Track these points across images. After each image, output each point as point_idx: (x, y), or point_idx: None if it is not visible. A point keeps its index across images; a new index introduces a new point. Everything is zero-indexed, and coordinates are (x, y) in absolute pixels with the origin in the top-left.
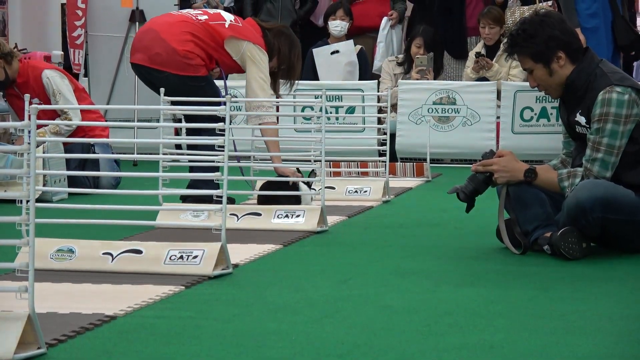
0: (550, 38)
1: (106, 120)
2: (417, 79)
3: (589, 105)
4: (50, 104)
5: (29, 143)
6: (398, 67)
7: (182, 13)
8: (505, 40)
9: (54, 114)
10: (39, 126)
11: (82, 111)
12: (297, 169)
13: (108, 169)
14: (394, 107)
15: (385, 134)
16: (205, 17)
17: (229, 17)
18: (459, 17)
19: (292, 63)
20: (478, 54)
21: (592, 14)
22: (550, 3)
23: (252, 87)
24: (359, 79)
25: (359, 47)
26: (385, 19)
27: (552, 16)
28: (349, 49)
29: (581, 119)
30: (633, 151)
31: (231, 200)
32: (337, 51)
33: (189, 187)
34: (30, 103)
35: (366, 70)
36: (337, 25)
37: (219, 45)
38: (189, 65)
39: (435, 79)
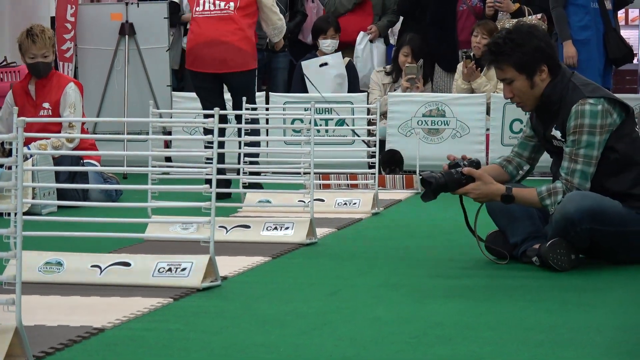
0: (537, 49)
1: (96, 134)
2: (407, 87)
3: (564, 119)
4: (59, 114)
5: (17, 155)
6: (386, 77)
7: (217, 11)
8: (484, 49)
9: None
10: (39, 138)
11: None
12: None
13: (95, 182)
14: (384, 114)
15: (374, 145)
16: (232, 2)
17: None
18: (450, 31)
19: None
20: (467, 55)
21: (584, 27)
22: (539, 16)
23: (269, 15)
24: (348, 91)
25: (347, 59)
26: (361, 34)
27: (538, 29)
28: (337, 62)
29: (557, 133)
30: (614, 159)
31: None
32: (326, 63)
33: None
34: (42, 108)
35: (355, 83)
36: (329, 45)
37: (252, 9)
38: (254, 58)
39: (424, 86)
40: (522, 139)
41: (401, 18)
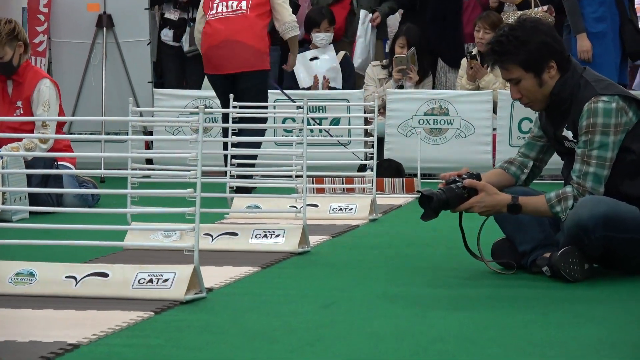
0: (544, 45)
1: (71, 134)
2: (399, 79)
3: (575, 119)
4: (30, 112)
5: None
6: (383, 71)
7: (229, 12)
8: (485, 47)
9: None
10: (12, 140)
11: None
12: None
13: (70, 186)
14: (383, 109)
15: (372, 146)
16: (244, 2)
17: None
18: (454, 23)
19: None
20: (471, 55)
21: (599, 18)
22: (545, 8)
23: (281, 12)
24: (342, 87)
25: (342, 53)
26: (363, 11)
27: (543, 22)
28: (331, 55)
29: (568, 134)
30: (630, 160)
31: (247, 190)
32: (317, 57)
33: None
34: (17, 108)
35: (350, 78)
36: (322, 38)
37: (265, 9)
38: (266, 57)
39: (421, 80)
40: (529, 139)
41: (401, 12)
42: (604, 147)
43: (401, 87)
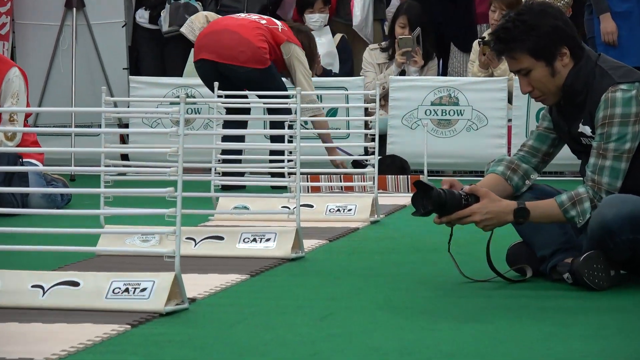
0: (555, 29)
1: (37, 126)
2: (403, 63)
3: (592, 112)
4: None
5: None
6: (382, 54)
7: (246, 17)
8: (489, 37)
9: None
10: None
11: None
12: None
13: (36, 185)
14: (384, 99)
15: (373, 140)
16: (265, 21)
17: (278, 22)
18: (464, 2)
19: (312, 54)
20: (484, 41)
21: None
22: None
23: (302, 82)
24: (341, 74)
25: (339, 35)
26: None
27: (552, 6)
28: (326, 39)
29: (585, 129)
30: None
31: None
32: None
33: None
34: None
35: (348, 63)
36: (317, 20)
37: (277, 46)
38: (266, 59)
39: (425, 64)
40: (540, 131)
41: None
42: (622, 139)
43: (403, 72)
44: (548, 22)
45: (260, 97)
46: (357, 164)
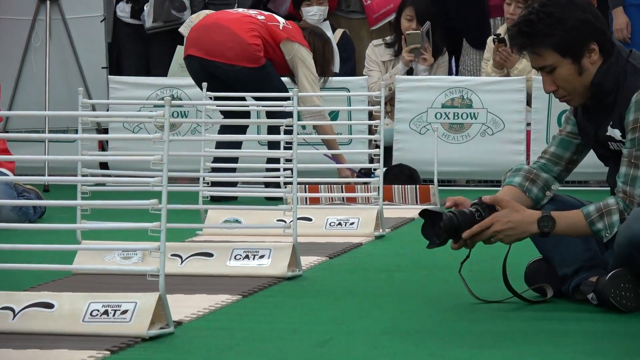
0: (584, 23)
1: (7, 132)
2: (410, 61)
3: (622, 113)
4: None
5: None
6: (387, 50)
7: (241, 12)
8: (509, 31)
9: None
10: None
11: None
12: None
13: (6, 197)
14: (390, 102)
15: (377, 146)
16: (263, 17)
17: (281, 19)
18: None
19: (326, 60)
20: (499, 38)
21: None
22: None
23: (304, 85)
24: (340, 72)
25: (341, 31)
26: None
27: None
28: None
29: (615, 133)
30: None
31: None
32: None
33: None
34: None
35: (350, 61)
36: (315, 13)
37: (275, 44)
38: (259, 57)
39: (435, 59)
40: (563, 136)
41: None
42: None
43: (411, 71)
44: (576, 15)
45: (256, 99)
46: (360, 172)
